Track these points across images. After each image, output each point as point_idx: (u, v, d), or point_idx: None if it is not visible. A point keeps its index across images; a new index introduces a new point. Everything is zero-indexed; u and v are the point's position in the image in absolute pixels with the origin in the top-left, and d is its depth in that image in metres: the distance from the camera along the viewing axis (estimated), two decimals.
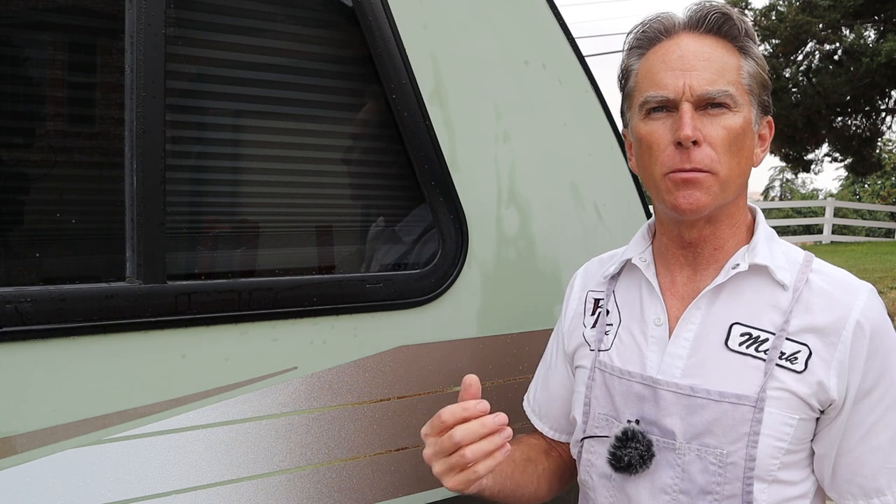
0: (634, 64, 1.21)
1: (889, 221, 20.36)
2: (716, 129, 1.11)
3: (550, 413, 1.42)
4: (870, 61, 15.99)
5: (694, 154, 1.10)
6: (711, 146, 1.11)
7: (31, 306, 1.08)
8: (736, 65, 1.14)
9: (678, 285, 1.23)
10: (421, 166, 1.47)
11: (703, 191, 1.11)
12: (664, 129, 1.14)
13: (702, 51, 1.14)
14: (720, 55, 1.14)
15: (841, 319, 1.11)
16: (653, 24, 1.19)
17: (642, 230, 1.32)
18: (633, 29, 1.22)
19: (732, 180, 1.14)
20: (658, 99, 1.14)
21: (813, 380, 1.10)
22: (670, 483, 1.14)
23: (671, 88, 1.12)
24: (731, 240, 1.20)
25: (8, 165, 1.19)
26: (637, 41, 1.21)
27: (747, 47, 1.16)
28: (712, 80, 1.11)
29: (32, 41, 1.21)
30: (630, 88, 1.22)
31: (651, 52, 1.18)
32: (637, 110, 1.18)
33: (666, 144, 1.13)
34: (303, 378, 1.33)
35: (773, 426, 1.10)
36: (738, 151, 1.13)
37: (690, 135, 1.09)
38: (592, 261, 1.43)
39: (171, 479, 1.20)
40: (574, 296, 1.40)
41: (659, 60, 1.16)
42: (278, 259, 1.43)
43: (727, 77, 1.13)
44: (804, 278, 1.16)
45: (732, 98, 1.12)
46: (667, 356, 1.18)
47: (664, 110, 1.14)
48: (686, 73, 1.12)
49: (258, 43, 1.38)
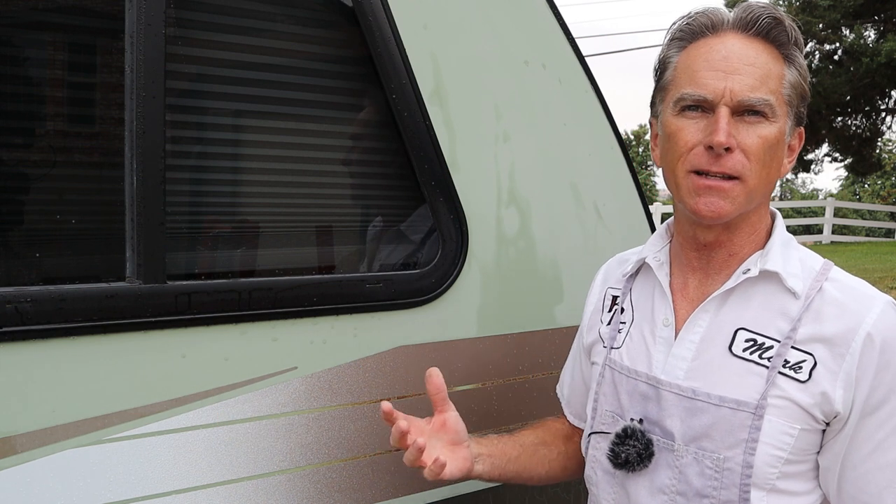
0: (674, 56, 1.16)
1: (889, 221, 20.35)
2: (751, 138, 1.08)
3: (573, 401, 1.45)
4: (870, 61, 16.00)
5: (725, 160, 1.08)
6: (745, 154, 1.08)
7: (31, 306, 1.08)
8: (779, 73, 1.11)
9: (689, 288, 1.22)
10: (421, 166, 1.47)
11: (729, 200, 1.09)
12: (696, 129, 1.11)
13: (748, 54, 1.10)
14: (765, 61, 1.10)
15: (851, 330, 1.08)
16: (699, 18, 1.14)
17: (661, 230, 1.30)
18: (678, 19, 1.17)
19: (759, 190, 1.12)
20: (695, 97, 1.10)
21: (816, 390, 1.08)
22: (668, 483, 1.14)
23: (711, 89, 1.09)
24: (747, 246, 1.17)
25: (8, 165, 1.19)
26: (680, 32, 1.16)
27: (793, 56, 1.12)
28: (754, 87, 1.08)
29: (32, 41, 1.21)
30: (666, 80, 1.17)
31: (693, 46, 1.14)
32: (671, 104, 1.14)
33: (695, 144, 1.10)
34: (303, 378, 1.33)
35: (773, 434, 1.08)
36: (770, 162, 1.11)
37: (724, 142, 1.06)
38: (615, 258, 1.43)
39: (171, 479, 1.20)
40: (595, 291, 1.41)
41: (702, 57, 1.12)
42: (278, 259, 1.43)
43: (769, 85, 1.09)
44: (818, 286, 1.12)
45: (771, 108, 1.09)
46: (671, 357, 1.18)
47: (699, 109, 1.11)
48: (729, 75, 1.08)
49: (258, 43, 1.38)
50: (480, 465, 1.27)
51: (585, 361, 1.39)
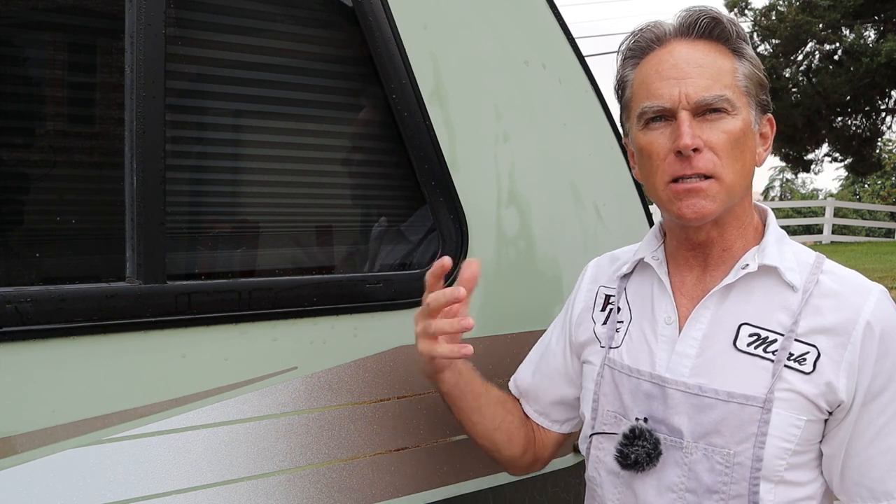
0: (629, 74, 1.21)
1: (889, 221, 20.36)
2: (716, 134, 1.11)
3: (539, 397, 1.41)
4: (870, 61, 16.01)
5: (696, 161, 1.11)
6: (713, 151, 1.11)
7: (31, 306, 1.08)
8: (731, 68, 1.14)
9: (688, 285, 1.23)
10: (421, 166, 1.47)
11: (709, 199, 1.12)
12: (664, 139, 1.14)
13: (695, 57, 1.13)
14: (714, 60, 1.14)
15: (850, 320, 1.11)
16: (644, 34, 1.19)
17: (654, 230, 1.32)
18: (625, 39, 1.22)
19: (737, 183, 1.14)
20: (655, 109, 1.14)
21: (821, 381, 1.10)
22: (677, 481, 1.15)
23: (667, 98, 1.12)
24: (738, 241, 1.20)
25: (8, 165, 1.19)
26: (630, 51, 1.21)
27: (741, 49, 1.16)
28: (708, 86, 1.11)
29: (32, 41, 1.21)
30: (627, 99, 1.21)
31: (644, 61, 1.18)
32: (636, 121, 1.18)
33: (666, 153, 1.13)
34: (303, 378, 1.33)
35: (781, 427, 1.10)
36: (741, 154, 1.14)
37: (690, 143, 1.09)
38: (604, 256, 1.43)
39: (171, 479, 1.20)
40: (584, 288, 1.40)
41: (653, 70, 1.16)
42: (278, 259, 1.44)
43: (723, 81, 1.12)
44: (814, 279, 1.15)
45: (729, 102, 1.12)
46: (675, 355, 1.18)
47: (662, 119, 1.14)
48: (681, 81, 1.12)
49: (258, 43, 1.38)
50: (451, 373, 1.26)
51: (572, 358, 1.38)
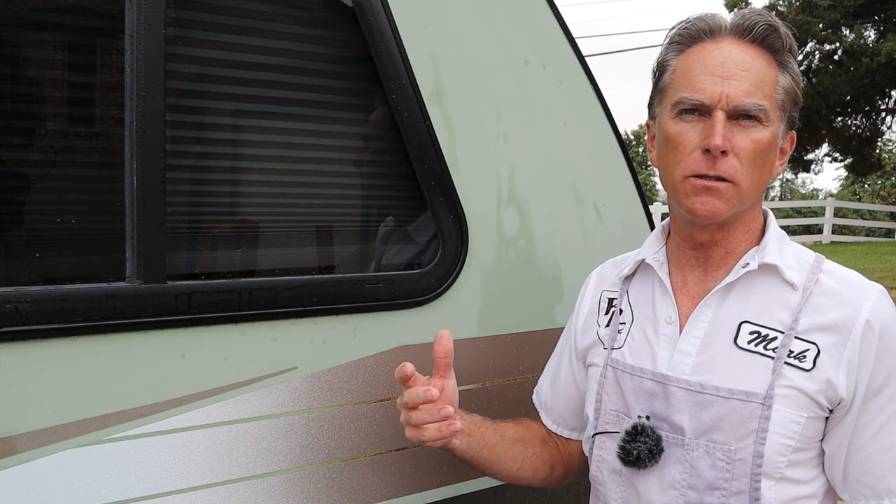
0: (672, 59, 1.19)
1: (889, 221, 20.36)
2: (744, 141, 1.12)
3: (555, 407, 1.44)
4: (870, 61, 16.01)
5: (720, 163, 1.11)
6: (738, 157, 1.12)
7: (31, 306, 1.08)
8: (774, 79, 1.14)
9: (689, 285, 1.24)
10: (421, 166, 1.47)
11: (723, 200, 1.13)
12: (693, 133, 1.14)
13: (744, 60, 1.13)
14: (761, 67, 1.13)
15: (850, 318, 1.12)
16: (697, 23, 1.18)
17: (656, 231, 1.33)
18: (677, 23, 1.21)
19: (752, 192, 1.15)
20: (693, 102, 1.13)
21: (821, 378, 1.11)
22: (679, 478, 1.16)
23: (708, 94, 1.12)
24: (742, 244, 1.21)
25: (8, 165, 1.19)
26: (679, 36, 1.19)
27: (787, 62, 1.16)
28: (749, 93, 1.11)
29: (32, 41, 1.21)
30: (664, 84, 1.20)
31: (691, 50, 1.17)
32: (669, 108, 1.17)
33: (693, 148, 1.13)
34: (303, 378, 1.33)
35: (781, 424, 1.11)
36: (762, 165, 1.14)
37: (721, 144, 1.10)
38: (607, 262, 1.44)
39: (171, 479, 1.20)
40: (588, 295, 1.41)
41: (699, 62, 1.15)
42: (278, 259, 1.43)
43: (764, 91, 1.12)
44: (814, 278, 1.17)
45: (765, 112, 1.12)
46: (677, 353, 1.19)
47: (696, 113, 1.14)
48: (725, 80, 1.12)
49: (258, 43, 1.38)
50: (458, 440, 1.27)
51: (578, 366, 1.39)
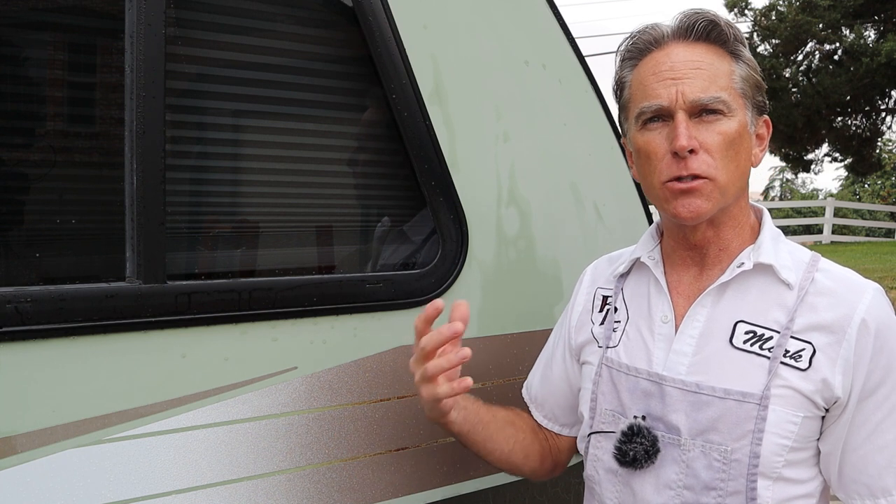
0: (627, 76, 1.22)
1: (889, 221, 20.36)
2: (711, 136, 1.13)
3: (546, 402, 1.44)
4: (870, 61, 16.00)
5: (691, 162, 1.12)
6: (708, 153, 1.13)
7: (31, 306, 1.08)
8: (728, 70, 1.16)
9: (684, 284, 1.24)
10: (421, 166, 1.47)
11: (704, 198, 1.13)
12: (661, 139, 1.15)
13: (692, 59, 1.15)
14: (711, 62, 1.15)
15: (846, 317, 1.12)
16: (642, 36, 1.21)
17: (651, 230, 1.33)
18: (623, 41, 1.24)
19: (732, 184, 1.15)
20: (653, 109, 1.15)
21: (817, 377, 1.11)
22: (675, 478, 1.16)
23: (664, 97, 1.14)
24: (735, 240, 1.21)
25: (8, 165, 1.19)
26: (628, 52, 1.22)
27: (738, 51, 1.18)
28: (704, 88, 1.13)
29: (32, 41, 1.21)
30: (625, 100, 1.23)
31: (642, 63, 1.20)
32: (633, 121, 1.20)
33: (663, 154, 1.15)
34: (303, 378, 1.33)
35: (778, 424, 1.11)
36: (736, 155, 1.15)
37: (686, 144, 1.11)
38: (602, 258, 1.44)
39: (171, 479, 1.20)
40: (583, 291, 1.41)
41: (650, 72, 1.17)
42: (278, 259, 1.43)
43: (719, 83, 1.14)
44: (810, 277, 1.17)
45: (725, 104, 1.13)
46: (672, 353, 1.19)
47: (660, 120, 1.15)
48: (678, 81, 1.13)
49: (258, 43, 1.38)
50: (456, 412, 1.27)
51: (572, 362, 1.39)
